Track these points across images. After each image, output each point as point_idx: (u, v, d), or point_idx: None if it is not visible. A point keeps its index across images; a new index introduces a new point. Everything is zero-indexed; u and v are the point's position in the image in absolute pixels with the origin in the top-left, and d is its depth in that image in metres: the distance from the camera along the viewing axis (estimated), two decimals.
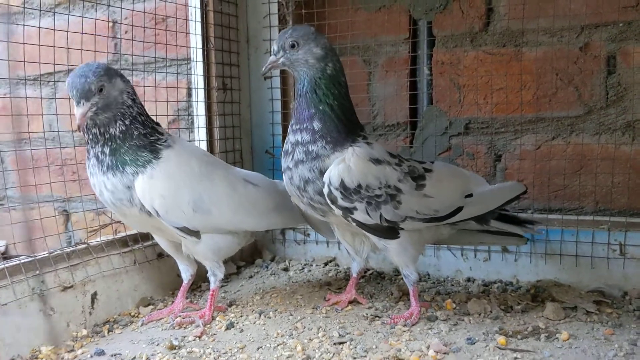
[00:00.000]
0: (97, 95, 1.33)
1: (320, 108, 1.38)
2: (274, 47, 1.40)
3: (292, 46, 1.38)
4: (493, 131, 1.84)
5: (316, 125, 1.38)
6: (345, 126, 1.39)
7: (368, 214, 1.37)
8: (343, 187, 1.34)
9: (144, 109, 1.45)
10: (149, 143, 1.41)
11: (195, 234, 1.47)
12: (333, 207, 1.37)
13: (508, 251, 1.73)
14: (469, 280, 1.76)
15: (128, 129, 1.38)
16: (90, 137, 1.38)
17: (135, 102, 1.41)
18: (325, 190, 1.36)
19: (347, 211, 1.37)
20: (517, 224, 1.56)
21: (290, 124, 1.44)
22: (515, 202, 1.57)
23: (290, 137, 1.42)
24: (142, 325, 1.49)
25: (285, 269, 1.93)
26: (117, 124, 1.37)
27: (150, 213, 1.40)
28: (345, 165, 1.35)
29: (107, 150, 1.38)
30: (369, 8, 1.94)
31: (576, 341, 1.30)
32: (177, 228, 1.44)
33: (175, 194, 1.41)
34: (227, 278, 1.83)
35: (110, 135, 1.37)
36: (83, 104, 1.31)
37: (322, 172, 1.37)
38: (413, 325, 1.41)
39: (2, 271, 1.34)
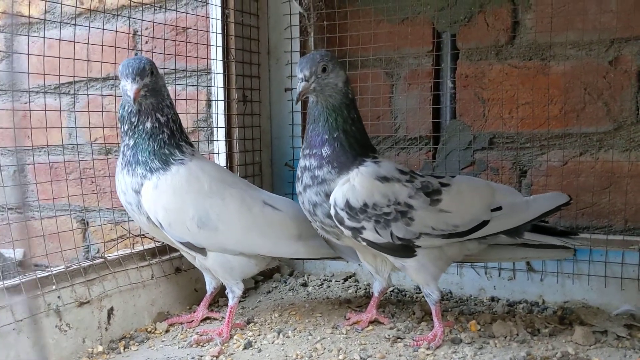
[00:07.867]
0: (149, 77, 1.38)
1: (335, 135, 1.35)
2: (305, 72, 1.32)
3: (324, 70, 1.33)
4: (518, 146, 1.79)
5: (325, 151, 1.35)
6: (355, 150, 1.36)
7: (377, 233, 1.33)
8: (348, 207, 1.31)
9: (179, 121, 1.46)
10: (163, 154, 1.41)
11: (201, 250, 1.45)
12: (341, 227, 1.34)
13: (534, 270, 1.68)
14: (493, 299, 1.71)
15: (159, 128, 1.41)
16: (126, 127, 1.41)
17: (172, 107, 1.45)
18: (332, 212, 1.33)
19: (356, 231, 1.33)
20: (555, 235, 1.47)
21: (301, 148, 1.41)
22: (554, 213, 1.47)
23: (300, 162, 1.40)
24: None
25: (304, 284, 1.89)
26: (155, 117, 1.40)
27: None
28: (349, 185, 1.32)
29: (131, 142, 1.41)
30: (392, 20, 1.91)
31: None
32: (181, 243, 1.43)
33: (180, 208, 1.40)
34: (245, 293, 1.79)
35: (144, 127, 1.40)
36: (137, 81, 1.36)
37: (327, 195, 1.34)
38: (437, 348, 1.36)
39: (17, 287, 1.32)
